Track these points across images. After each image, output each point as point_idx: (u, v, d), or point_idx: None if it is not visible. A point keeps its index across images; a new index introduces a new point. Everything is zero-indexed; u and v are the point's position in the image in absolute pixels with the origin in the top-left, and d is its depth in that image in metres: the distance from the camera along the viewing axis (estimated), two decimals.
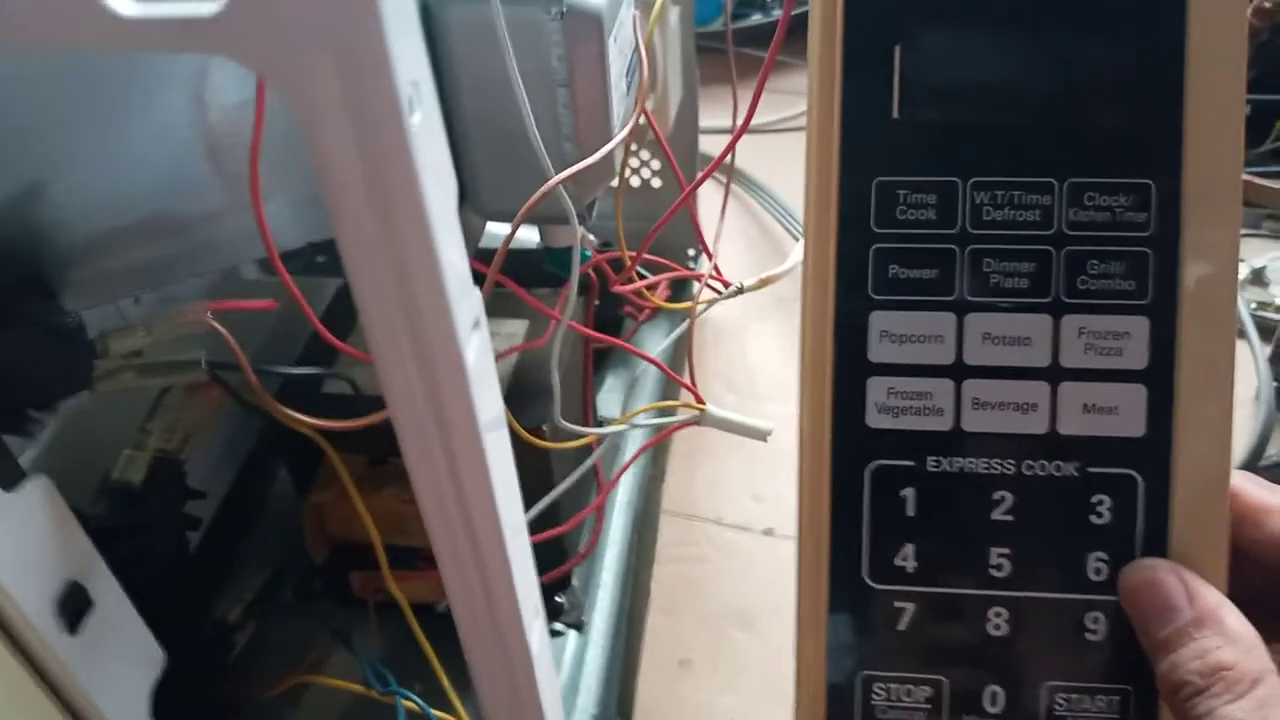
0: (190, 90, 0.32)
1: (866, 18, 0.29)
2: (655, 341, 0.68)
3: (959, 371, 0.30)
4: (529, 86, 0.38)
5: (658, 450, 0.66)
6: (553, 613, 0.55)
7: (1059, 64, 0.29)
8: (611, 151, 0.40)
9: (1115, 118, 0.29)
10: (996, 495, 0.30)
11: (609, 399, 0.68)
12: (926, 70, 0.29)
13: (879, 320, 0.30)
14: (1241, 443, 0.65)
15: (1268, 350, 0.69)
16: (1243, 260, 0.82)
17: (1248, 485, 0.30)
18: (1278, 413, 0.65)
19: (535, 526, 0.50)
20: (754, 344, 0.80)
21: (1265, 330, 0.72)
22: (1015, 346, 0.29)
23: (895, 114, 0.29)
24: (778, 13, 1.19)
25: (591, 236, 0.51)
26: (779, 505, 0.66)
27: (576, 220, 0.38)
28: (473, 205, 0.43)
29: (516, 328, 0.54)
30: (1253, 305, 0.78)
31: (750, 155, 0.98)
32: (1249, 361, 0.68)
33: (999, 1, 0.29)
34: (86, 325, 0.32)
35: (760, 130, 0.99)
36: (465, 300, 0.21)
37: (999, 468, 0.30)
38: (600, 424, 0.62)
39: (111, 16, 0.16)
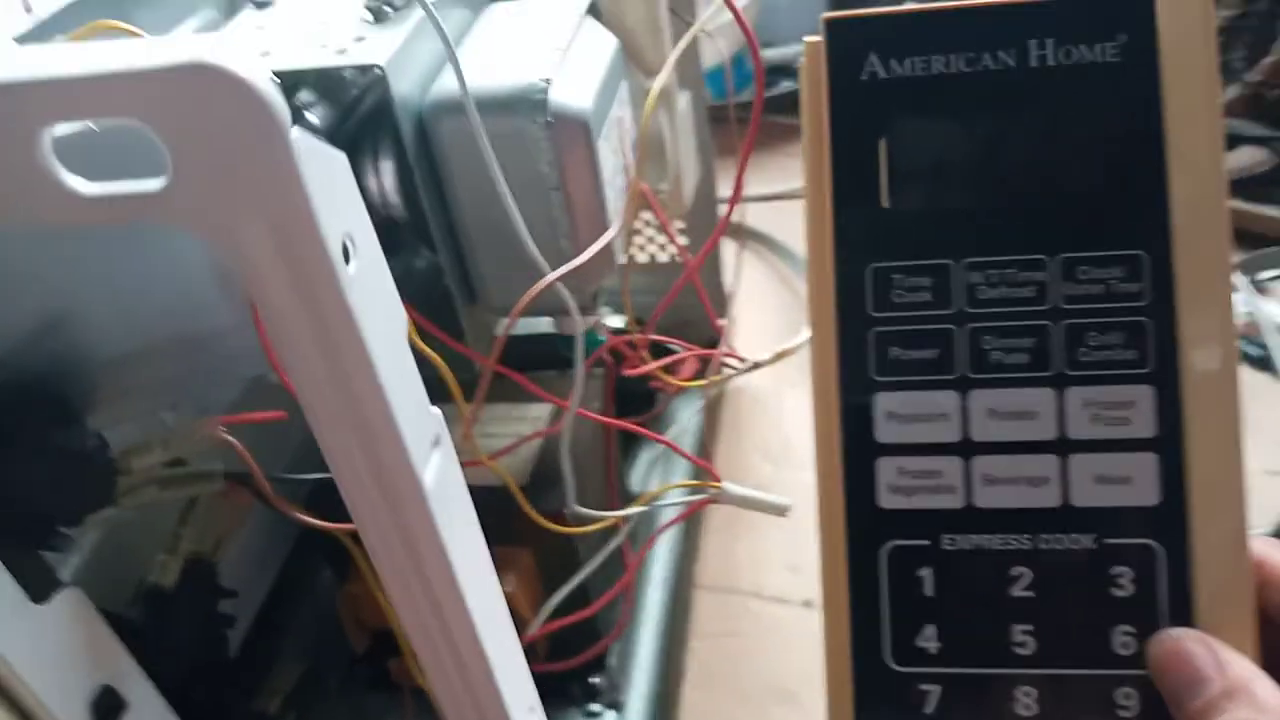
0: None
1: (851, 112, 0.30)
2: (685, 414, 0.69)
3: (967, 449, 0.30)
4: (523, 191, 0.39)
5: (689, 526, 0.67)
6: (589, 694, 0.56)
7: (1039, 144, 0.30)
8: (611, 244, 0.42)
9: (1100, 192, 0.29)
10: (1014, 571, 0.29)
11: (643, 474, 0.69)
12: (911, 159, 0.30)
13: (884, 401, 0.30)
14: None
15: None
16: None
17: (1274, 552, 0.30)
18: None
19: (567, 609, 0.50)
20: (789, 411, 0.80)
21: None
22: (1021, 421, 0.29)
23: (884, 203, 0.30)
24: None
25: (605, 321, 0.52)
26: (817, 576, 0.66)
27: (578, 312, 0.40)
28: (482, 301, 0.44)
29: (541, 411, 0.55)
30: None
31: (780, 221, 1.00)
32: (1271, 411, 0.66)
33: (976, 89, 0.30)
34: (110, 443, 0.34)
35: (789, 197, 1.01)
36: (420, 423, 0.22)
37: (1015, 543, 0.29)
38: (633, 499, 0.62)
39: (73, 195, 0.18)
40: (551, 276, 0.38)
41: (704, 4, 0.57)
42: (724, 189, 0.95)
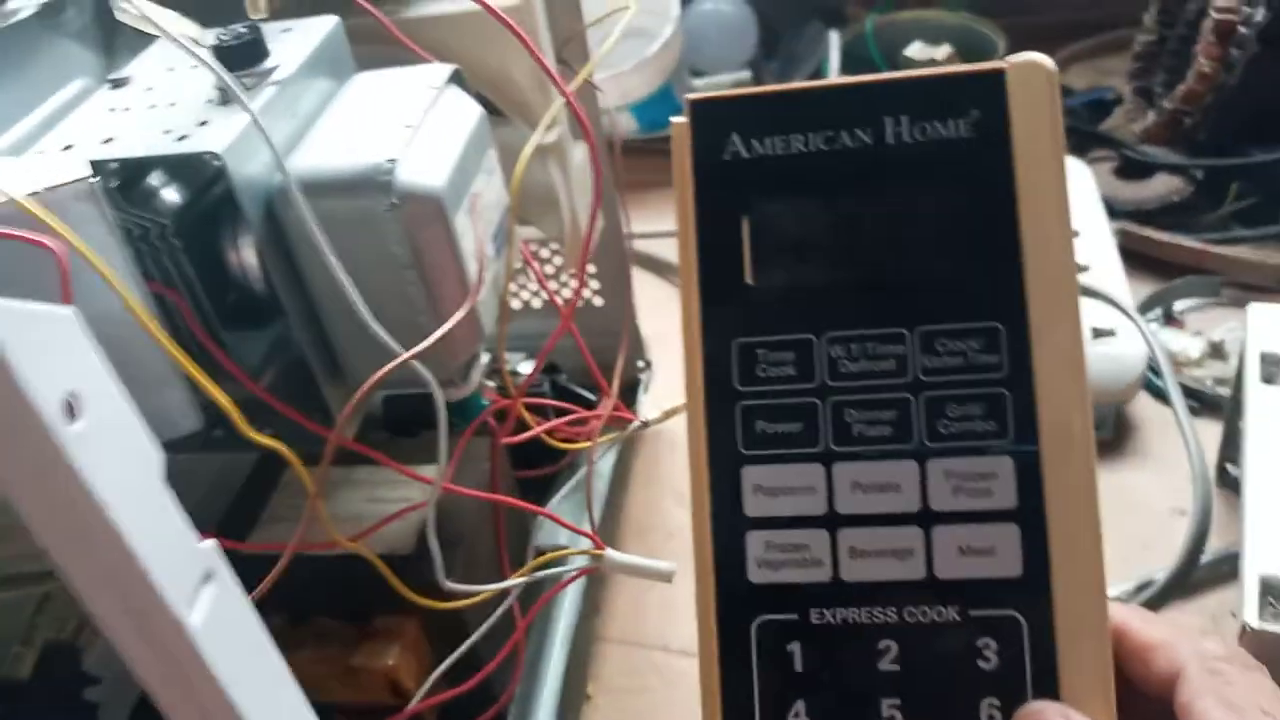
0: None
1: (714, 191, 0.31)
2: (599, 461, 0.68)
3: (833, 521, 0.30)
4: (374, 271, 0.39)
5: (594, 580, 0.66)
6: None
7: (897, 219, 0.30)
8: (475, 316, 0.41)
9: (957, 265, 0.29)
10: (882, 645, 0.29)
11: (557, 528, 0.68)
12: (773, 237, 0.30)
13: (751, 475, 0.30)
14: (1181, 534, 0.63)
15: (1219, 431, 0.67)
16: (1199, 333, 0.80)
17: (1133, 621, 0.30)
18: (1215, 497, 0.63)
19: (459, 675, 0.50)
20: None
21: (1220, 409, 0.69)
22: (885, 494, 0.30)
23: (748, 279, 0.30)
24: None
25: (491, 384, 0.51)
26: None
27: (439, 387, 0.39)
28: (349, 377, 0.44)
29: (435, 474, 0.54)
30: (1209, 382, 0.75)
31: None
32: (1181, 448, 0.66)
33: (835, 166, 0.30)
34: None
35: None
36: (181, 563, 0.21)
37: (881, 616, 0.29)
38: (539, 553, 0.62)
39: None
40: (400, 359, 0.37)
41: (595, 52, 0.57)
42: (651, 224, 0.95)
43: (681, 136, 0.31)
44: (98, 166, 0.31)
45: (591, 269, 0.75)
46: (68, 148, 0.39)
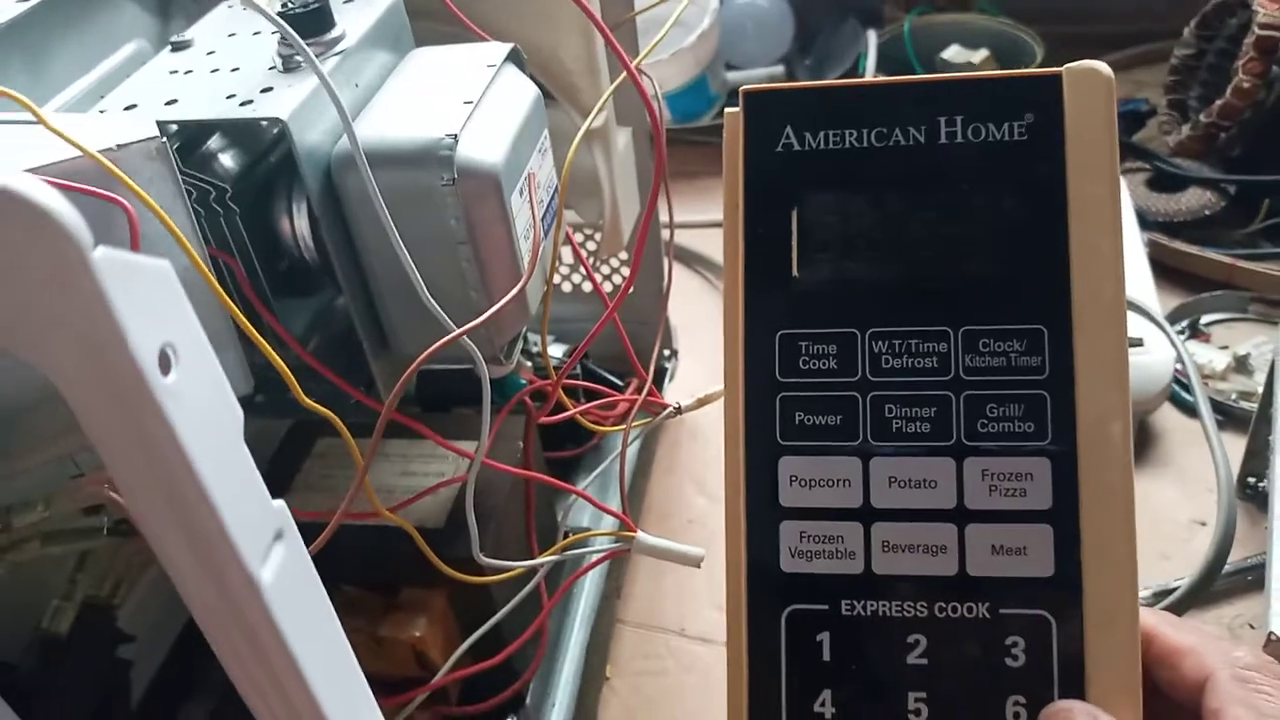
0: None
1: (766, 182, 0.31)
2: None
3: (868, 515, 0.30)
4: (432, 244, 0.39)
5: (615, 564, 0.66)
6: None
7: (946, 218, 0.30)
8: (525, 296, 0.41)
9: (1004, 267, 0.30)
10: (911, 638, 0.30)
11: (578, 507, 0.69)
12: (822, 230, 0.31)
13: (788, 465, 0.30)
14: (1205, 547, 0.63)
15: (1243, 445, 0.67)
16: (1225, 347, 0.80)
17: (1163, 627, 0.30)
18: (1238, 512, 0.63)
19: (483, 651, 0.50)
20: None
21: (1245, 423, 0.69)
22: (921, 490, 0.30)
23: (795, 271, 0.30)
24: None
25: (529, 363, 0.51)
26: None
27: (484, 364, 0.39)
28: (394, 349, 0.44)
29: (468, 448, 0.54)
30: (1233, 396, 0.76)
31: None
32: (1200, 460, 0.67)
33: (887, 163, 0.30)
34: None
35: None
36: (256, 520, 0.22)
37: (912, 610, 0.30)
38: (564, 534, 0.62)
39: None
40: (452, 335, 0.37)
41: (646, 40, 0.57)
42: (680, 214, 0.96)
43: (735, 127, 0.31)
44: (160, 128, 0.32)
45: (623, 255, 0.75)
46: (130, 107, 0.39)
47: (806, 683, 0.30)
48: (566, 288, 0.80)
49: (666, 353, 0.82)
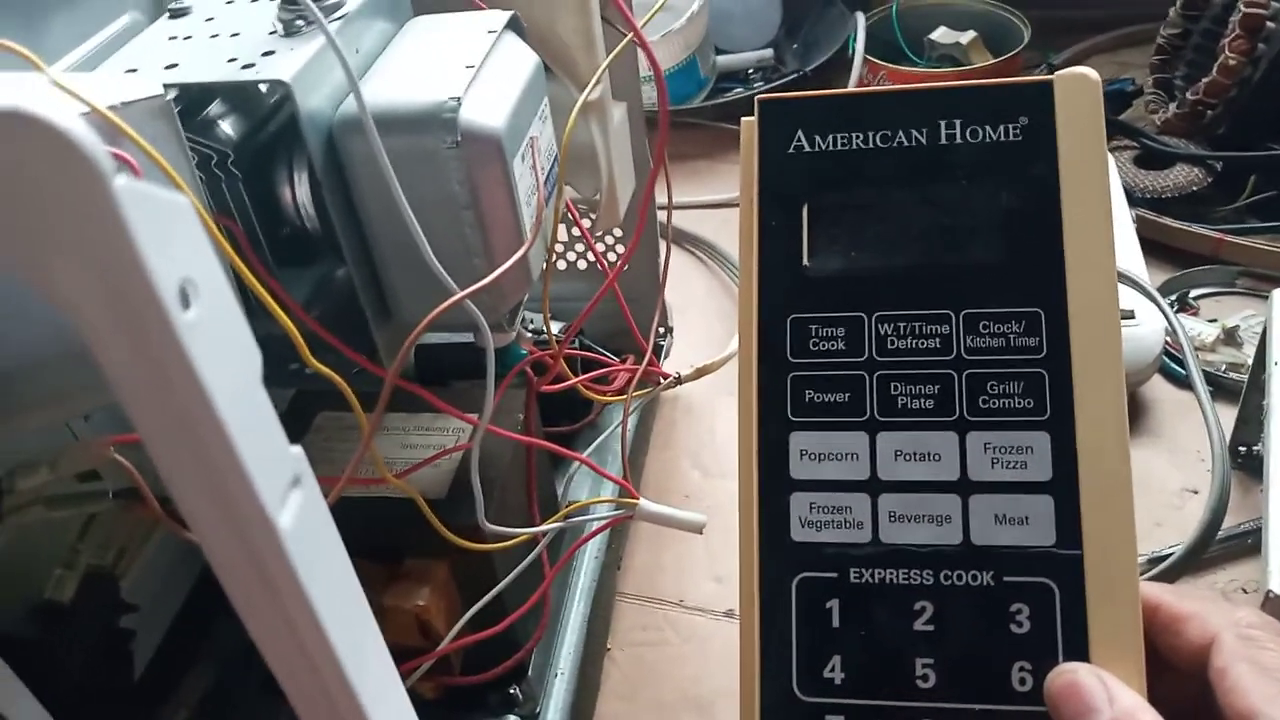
0: None
1: (778, 180, 0.33)
2: (617, 421, 0.69)
3: (875, 486, 0.31)
4: (434, 209, 0.39)
5: (614, 536, 0.67)
6: (507, 704, 0.56)
7: (947, 211, 0.32)
8: (527, 262, 0.42)
9: (1002, 255, 0.31)
10: (918, 606, 0.31)
11: (576, 479, 0.69)
12: (830, 223, 0.33)
13: (798, 440, 0.32)
14: (1197, 514, 0.64)
15: (1233, 414, 0.68)
16: (1214, 320, 0.81)
17: (1166, 595, 0.31)
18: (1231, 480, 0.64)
19: (486, 621, 0.50)
20: (723, 420, 0.80)
21: (1234, 393, 0.70)
22: (926, 462, 0.31)
23: (805, 261, 0.32)
24: (760, 84, 1.21)
25: (528, 333, 0.51)
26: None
27: (489, 329, 0.39)
28: (396, 316, 0.44)
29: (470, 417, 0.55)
30: (1222, 367, 0.76)
31: (728, 228, 1.00)
32: (1201, 429, 0.67)
33: (891, 162, 0.32)
34: None
35: (735, 205, 1.01)
36: (274, 464, 0.22)
37: (918, 578, 0.31)
38: (563, 506, 0.62)
39: None
40: (456, 297, 0.37)
41: (642, 13, 0.57)
42: (679, 194, 0.96)
43: (750, 132, 0.34)
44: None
45: (618, 232, 0.75)
46: (131, 71, 0.39)
47: (817, 648, 0.31)
48: (562, 265, 0.80)
49: (661, 330, 0.82)
